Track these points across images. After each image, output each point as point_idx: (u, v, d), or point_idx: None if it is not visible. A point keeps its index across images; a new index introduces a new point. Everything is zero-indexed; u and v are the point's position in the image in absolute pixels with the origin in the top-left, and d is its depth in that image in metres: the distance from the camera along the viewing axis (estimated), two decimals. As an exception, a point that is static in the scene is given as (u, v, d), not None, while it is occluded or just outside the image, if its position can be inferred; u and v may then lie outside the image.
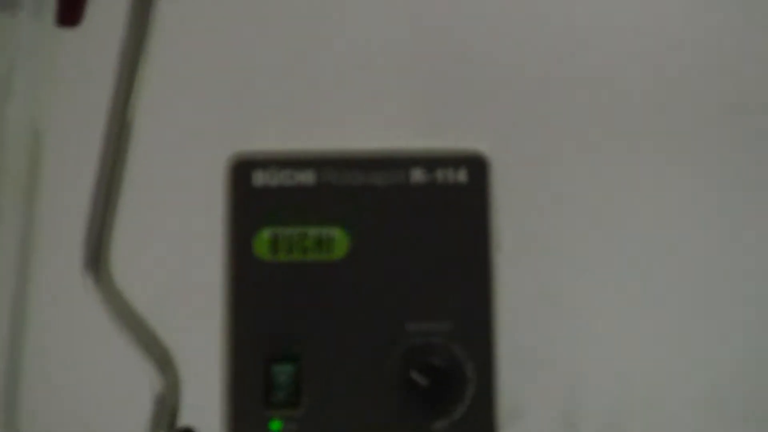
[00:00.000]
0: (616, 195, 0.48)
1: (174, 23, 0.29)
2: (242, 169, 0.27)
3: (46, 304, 0.27)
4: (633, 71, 0.46)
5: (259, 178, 0.27)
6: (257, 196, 0.28)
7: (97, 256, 0.27)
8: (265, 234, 0.27)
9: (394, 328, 0.27)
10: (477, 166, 0.28)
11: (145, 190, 0.28)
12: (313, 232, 0.27)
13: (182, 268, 0.28)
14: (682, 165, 0.49)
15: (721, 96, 0.46)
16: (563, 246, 0.49)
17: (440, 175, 0.28)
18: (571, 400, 0.47)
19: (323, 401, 0.27)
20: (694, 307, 0.55)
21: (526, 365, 0.30)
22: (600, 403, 0.48)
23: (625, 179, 0.48)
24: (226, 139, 0.28)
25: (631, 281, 0.55)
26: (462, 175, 0.28)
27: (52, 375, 0.28)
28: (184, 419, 0.28)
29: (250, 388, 0.27)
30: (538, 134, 0.39)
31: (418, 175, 0.28)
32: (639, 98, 0.48)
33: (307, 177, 0.28)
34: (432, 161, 0.28)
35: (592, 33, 0.47)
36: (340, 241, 0.27)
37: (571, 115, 0.48)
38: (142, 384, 0.28)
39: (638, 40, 0.49)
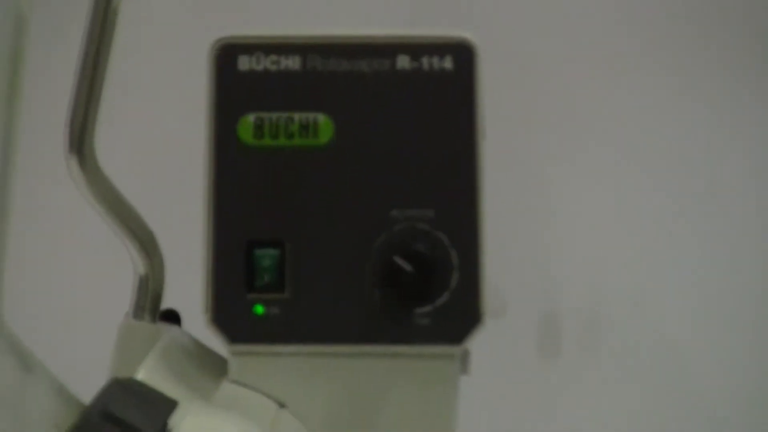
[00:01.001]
0: (594, 93, 0.48)
1: None
2: (227, 54, 0.27)
3: (29, 189, 0.27)
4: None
5: (245, 62, 0.27)
6: (242, 80, 0.27)
7: (81, 139, 0.27)
8: (250, 119, 0.27)
9: (378, 214, 0.27)
10: (464, 53, 0.27)
11: (130, 75, 0.28)
12: (297, 117, 0.27)
13: (166, 152, 0.28)
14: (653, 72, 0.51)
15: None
16: (545, 147, 0.50)
17: (426, 62, 0.27)
18: (553, 299, 0.47)
19: (307, 286, 0.27)
20: (671, 204, 0.56)
21: (511, 263, 0.30)
22: (580, 303, 0.49)
23: (598, 80, 0.49)
24: (210, 23, 0.28)
25: (608, 183, 0.55)
26: (448, 62, 0.27)
27: (36, 263, 0.29)
28: (167, 303, 0.29)
29: (233, 273, 0.27)
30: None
31: (403, 62, 0.27)
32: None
33: (293, 62, 0.27)
34: (418, 47, 0.27)
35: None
36: (324, 126, 0.27)
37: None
38: (126, 269, 0.28)
39: None
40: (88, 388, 0.25)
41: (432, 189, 0.27)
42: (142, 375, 0.27)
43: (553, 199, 0.53)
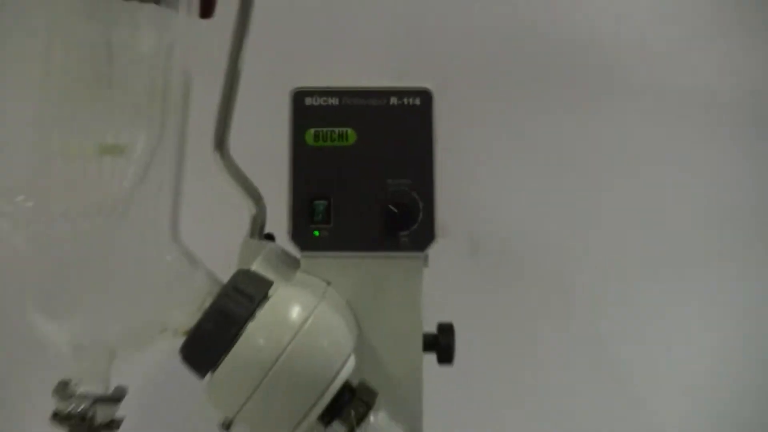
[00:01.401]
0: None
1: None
2: (299, 96, 0.50)
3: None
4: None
5: (308, 100, 0.50)
6: (307, 110, 0.50)
7: (222, 141, 0.50)
8: (311, 131, 0.50)
9: (380, 182, 0.50)
10: (426, 96, 0.50)
11: (243, 110, 0.51)
12: (337, 130, 0.50)
13: (264, 155, 0.50)
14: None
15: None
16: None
17: (406, 100, 0.50)
18: (477, 225, 0.70)
19: (343, 221, 0.50)
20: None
21: (450, 203, 0.52)
22: (499, 229, 0.71)
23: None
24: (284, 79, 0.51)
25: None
26: (417, 101, 0.50)
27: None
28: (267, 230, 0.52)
29: (302, 213, 0.50)
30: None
31: (393, 100, 0.50)
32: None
33: (333, 100, 0.50)
34: (401, 92, 0.50)
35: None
36: (351, 135, 0.50)
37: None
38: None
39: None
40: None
41: (409, 168, 0.50)
42: (254, 267, 0.49)
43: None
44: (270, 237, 0.53)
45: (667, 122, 0.86)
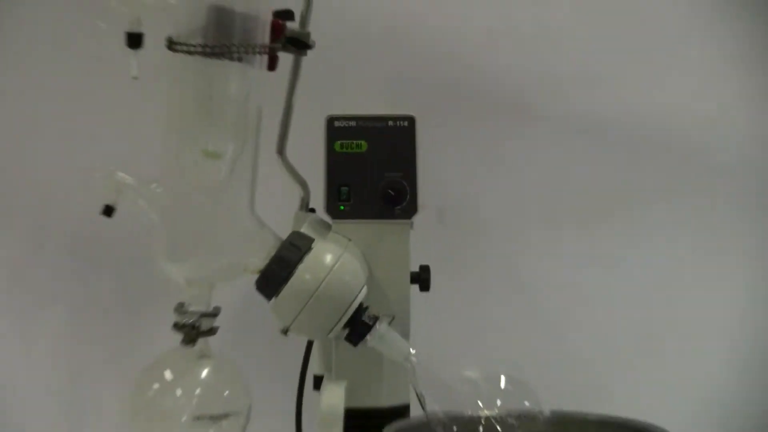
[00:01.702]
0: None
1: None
2: (331, 121, 0.78)
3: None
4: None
5: (338, 123, 0.78)
6: (336, 129, 0.78)
7: (282, 148, 0.78)
8: (338, 142, 0.78)
9: (381, 174, 0.78)
10: (411, 121, 0.78)
11: (295, 127, 0.78)
12: (354, 142, 0.78)
13: (308, 157, 0.78)
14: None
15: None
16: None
17: (399, 123, 0.78)
18: (443, 201, 0.99)
19: (358, 200, 0.78)
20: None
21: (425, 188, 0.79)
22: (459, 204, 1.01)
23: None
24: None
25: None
26: (407, 123, 0.78)
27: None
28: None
29: (333, 196, 0.78)
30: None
31: (391, 123, 0.78)
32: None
33: (354, 123, 0.78)
34: (396, 117, 0.78)
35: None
36: (364, 145, 0.78)
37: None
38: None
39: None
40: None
41: (400, 166, 0.78)
42: (302, 229, 0.77)
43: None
44: (312, 210, 0.81)
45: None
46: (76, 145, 1.08)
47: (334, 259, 0.73)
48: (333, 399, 0.75)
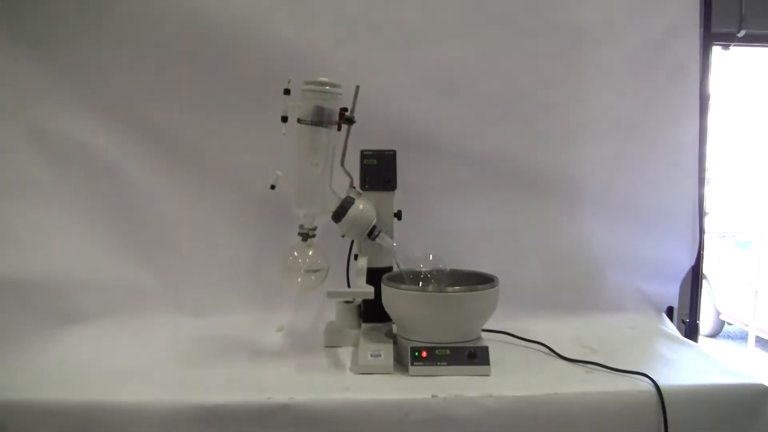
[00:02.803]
0: None
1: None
2: (362, 152, 1.92)
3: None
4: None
5: (364, 152, 1.92)
6: (364, 155, 1.92)
7: (342, 161, 1.91)
8: (365, 160, 1.92)
9: (381, 173, 1.91)
10: (394, 152, 1.92)
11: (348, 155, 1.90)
12: (372, 159, 1.91)
13: (352, 167, 1.90)
14: None
15: None
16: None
17: (388, 152, 1.92)
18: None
19: (373, 183, 1.91)
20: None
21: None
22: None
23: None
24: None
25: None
26: (392, 152, 1.93)
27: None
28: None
29: (363, 182, 1.91)
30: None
31: (386, 152, 1.92)
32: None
33: (370, 152, 1.93)
34: (387, 150, 1.92)
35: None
36: (376, 162, 1.91)
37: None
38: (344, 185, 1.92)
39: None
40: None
41: (390, 169, 1.90)
42: (351, 194, 1.87)
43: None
44: (354, 187, 1.91)
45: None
46: (263, 156, 1.93)
47: (363, 207, 1.83)
48: (362, 262, 1.87)
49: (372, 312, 1.90)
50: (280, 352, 1.87)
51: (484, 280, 1.73)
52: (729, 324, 5.95)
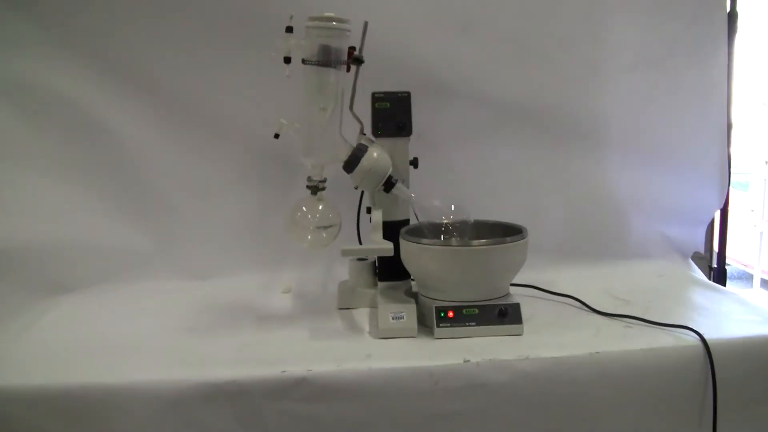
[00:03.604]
0: None
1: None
2: (373, 94, 1.74)
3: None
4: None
5: (375, 95, 1.74)
6: (375, 98, 1.75)
7: (351, 105, 1.75)
8: (377, 104, 1.74)
9: (395, 118, 1.75)
10: (409, 93, 1.76)
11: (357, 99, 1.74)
12: (384, 103, 1.74)
13: (363, 112, 1.74)
14: None
15: None
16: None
17: (402, 94, 1.75)
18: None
19: (385, 130, 1.74)
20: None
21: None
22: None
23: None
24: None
25: None
26: (406, 94, 1.76)
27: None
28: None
29: (375, 127, 1.74)
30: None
31: (400, 94, 1.75)
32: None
33: (382, 95, 1.75)
34: (402, 92, 1.75)
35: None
36: (387, 105, 1.74)
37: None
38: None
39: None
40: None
41: (404, 113, 1.74)
42: (362, 141, 1.72)
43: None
44: (364, 133, 1.76)
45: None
46: (264, 102, 1.88)
47: (378, 155, 1.68)
48: (377, 216, 1.73)
49: (389, 269, 1.76)
50: (290, 316, 1.75)
51: (511, 232, 1.60)
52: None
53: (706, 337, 1.47)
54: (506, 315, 1.55)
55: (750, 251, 5.31)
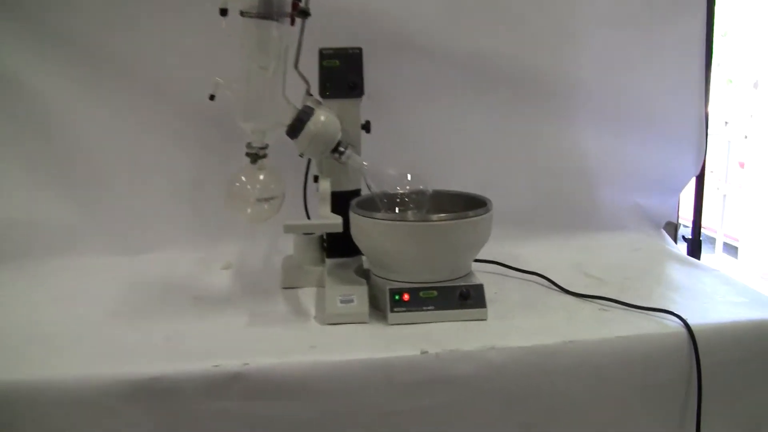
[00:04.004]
0: None
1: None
2: (321, 51, 1.56)
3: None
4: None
5: (323, 51, 1.55)
6: (323, 54, 1.56)
7: (296, 62, 1.55)
8: (324, 61, 1.56)
9: (346, 77, 1.56)
10: (360, 50, 1.57)
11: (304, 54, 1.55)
12: (333, 60, 1.56)
13: (309, 70, 1.55)
14: None
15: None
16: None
17: (353, 51, 1.57)
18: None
19: (334, 90, 1.56)
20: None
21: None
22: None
23: None
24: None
25: None
26: (358, 51, 1.57)
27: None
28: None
29: (323, 87, 1.56)
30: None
31: (350, 51, 1.57)
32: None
33: (331, 51, 1.56)
34: (353, 48, 1.56)
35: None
36: (337, 63, 1.56)
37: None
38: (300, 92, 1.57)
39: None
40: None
41: (355, 72, 1.56)
42: (308, 103, 1.52)
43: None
44: (311, 94, 1.58)
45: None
46: (198, 61, 1.70)
47: (325, 118, 1.49)
48: (325, 186, 1.54)
49: (338, 245, 1.60)
50: (228, 298, 1.59)
51: (474, 204, 1.44)
52: (685, 227, 5.79)
53: (690, 322, 1.34)
54: (468, 298, 1.39)
55: (712, 214, 5.22)
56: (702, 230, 2.07)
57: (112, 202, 1.86)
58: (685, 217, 2.14)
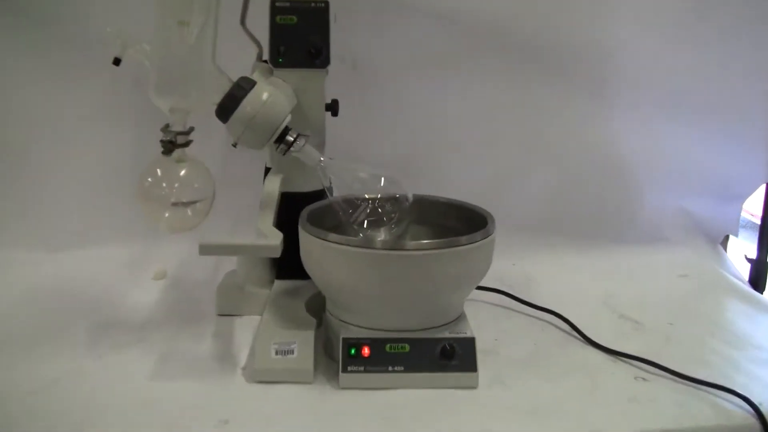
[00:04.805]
0: None
1: None
2: (273, 2, 1.14)
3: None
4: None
5: (277, 3, 1.14)
6: (276, 9, 1.15)
7: (243, 19, 1.13)
8: (278, 17, 1.14)
9: (305, 38, 1.15)
10: (327, 3, 1.15)
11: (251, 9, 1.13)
12: (289, 16, 1.14)
13: (257, 28, 1.13)
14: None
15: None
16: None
17: (317, 4, 1.16)
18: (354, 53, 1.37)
19: (291, 57, 1.15)
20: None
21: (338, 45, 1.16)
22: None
23: None
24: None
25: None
26: (323, 5, 1.16)
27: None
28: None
29: (274, 52, 1.15)
30: None
31: (313, 4, 1.16)
32: None
33: (287, 4, 1.14)
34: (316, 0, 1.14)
35: None
36: (294, 19, 1.15)
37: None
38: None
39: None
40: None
41: (319, 31, 1.16)
42: (254, 75, 1.09)
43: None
44: (264, 61, 1.17)
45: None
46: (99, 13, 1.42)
47: (267, 96, 1.06)
48: (271, 187, 1.13)
49: (291, 263, 1.15)
50: (144, 326, 1.22)
51: (470, 221, 1.09)
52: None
53: (765, 409, 0.96)
54: (453, 357, 1.01)
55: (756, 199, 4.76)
56: (747, 216, 1.79)
57: (29, 187, 1.54)
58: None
